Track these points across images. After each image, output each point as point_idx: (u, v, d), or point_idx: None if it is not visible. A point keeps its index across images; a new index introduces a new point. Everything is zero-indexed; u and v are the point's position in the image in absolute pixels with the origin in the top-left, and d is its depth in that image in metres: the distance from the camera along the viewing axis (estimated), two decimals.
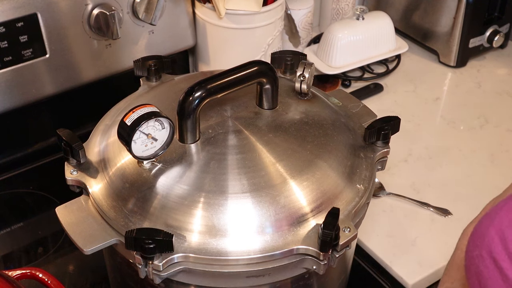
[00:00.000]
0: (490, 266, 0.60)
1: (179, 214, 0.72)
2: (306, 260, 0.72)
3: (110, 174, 0.77)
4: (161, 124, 0.73)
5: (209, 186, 0.73)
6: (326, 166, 0.77)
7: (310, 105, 0.85)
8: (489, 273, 0.60)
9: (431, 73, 1.44)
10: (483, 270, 0.60)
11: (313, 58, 1.37)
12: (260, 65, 0.78)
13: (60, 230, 0.83)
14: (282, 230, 0.71)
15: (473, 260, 0.62)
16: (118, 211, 0.74)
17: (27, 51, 1.05)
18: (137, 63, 0.90)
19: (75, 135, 0.80)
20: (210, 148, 0.76)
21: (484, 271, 0.60)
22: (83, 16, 1.08)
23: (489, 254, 0.60)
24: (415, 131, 1.26)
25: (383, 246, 1.02)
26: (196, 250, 0.70)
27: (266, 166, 0.75)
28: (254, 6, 1.17)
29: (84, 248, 0.72)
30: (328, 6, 1.48)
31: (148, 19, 1.11)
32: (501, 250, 0.59)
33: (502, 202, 0.64)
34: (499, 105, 1.35)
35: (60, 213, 0.76)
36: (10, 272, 0.82)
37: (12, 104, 1.08)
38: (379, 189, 1.11)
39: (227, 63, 0.90)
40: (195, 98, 0.73)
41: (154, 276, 0.70)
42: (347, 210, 0.75)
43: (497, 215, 0.62)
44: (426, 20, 1.46)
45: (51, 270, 0.97)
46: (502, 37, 1.43)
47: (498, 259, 0.59)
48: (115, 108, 0.88)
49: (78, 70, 1.12)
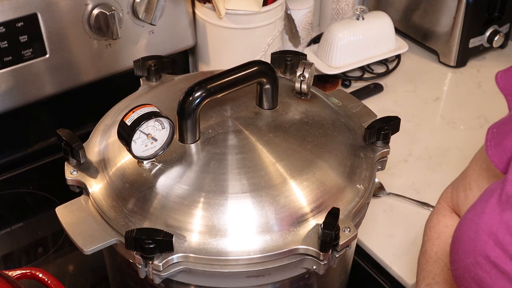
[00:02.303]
0: (491, 271, 0.59)
1: (179, 214, 0.72)
2: (306, 260, 0.72)
3: (110, 174, 0.77)
4: (161, 124, 0.73)
5: (209, 186, 0.73)
6: (326, 166, 0.77)
7: (310, 105, 0.85)
8: (492, 279, 0.59)
9: (431, 73, 1.44)
10: (484, 276, 0.60)
11: (313, 58, 1.37)
12: (260, 65, 0.78)
13: (60, 230, 0.83)
14: (282, 230, 0.71)
15: (469, 268, 0.61)
16: (118, 211, 0.74)
17: (27, 51, 1.05)
18: (137, 63, 0.90)
19: (75, 135, 0.80)
20: (210, 148, 0.76)
21: (486, 277, 0.59)
22: (83, 16, 1.08)
23: (486, 259, 0.59)
24: (415, 131, 1.26)
25: (383, 246, 1.02)
26: (196, 250, 0.70)
27: (266, 166, 0.75)
28: (254, 6, 1.17)
29: (84, 248, 0.72)
30: (328, 6, 1.48)
31: (148, 19, 1.11)
32: (500, 254, 0.58)
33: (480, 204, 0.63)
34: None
35: (60, 213, 0.76)
36: (10, 272, 0.82)
37: (12, 104, 1.08)
38: (379, 189, 1.11)
39: (227, 63, 0.90)
40: (195, 98, 0.73)
41: (154, 276, 0.70)
42: (347, 210, 0.75)
43: (482, 218, 0.61)
44: (426, 20, 1.46)
45: (51, 270, 0.97)
46: (502, 37, 1.43)
47: (499, 263, 0.58)
48: (115, 108, 0.88)
49: (78, 70, 1.12)
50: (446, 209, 0.83)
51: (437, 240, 0.80)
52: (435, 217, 0.83)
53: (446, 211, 0.82)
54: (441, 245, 0.80)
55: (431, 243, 0.81)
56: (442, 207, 0.83)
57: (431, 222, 0.83)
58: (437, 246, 0.80)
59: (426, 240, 0.83)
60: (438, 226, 0.82)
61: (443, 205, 0.83)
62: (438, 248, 0.80)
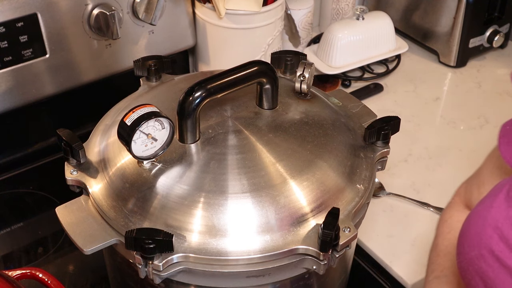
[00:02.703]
0: (494, 265, 0.60)
1: (179, 214, 0.72)
2: (306, 260, 0.72)
3: (110, 174, 0.77)
4: (161, 124, 0.73)
5: (209, 186, 0.73)
6: (326, 166, 0.77)
7: (310, 105, 0.85)
8: (494, 272, 0.60)
9: (431, 73, 1.44)
10: (487, 269, 0.60)
11: (313, 58, 1.37)
12: (260, 65, 0.78)
13: (60, 230, 0.83)
14: (282, 230, 0.71)
15: (473, 261, 0.62)
16: (118, 211, 0.74)
17: (27, 51, 1.05)
18: (137, 63, 0.90)
19: (75, 135, 0.80)
20: (210, 148, 0.76)
21: (488, 271, 0.60)
22: (83, 16, 1.08)
23: (490, 252, 0.60)
24: (415, 131, 1.26)
25: (383, 246, 1.02)
26: (196, 250, 0.70)
27: (266, 166, 0.75)
28: (254, 6, 1.17)
29: (84, 248, 0.72)
30: (328, 6, 1.48)
31: (148, 19, 1.11)
32: (503, 248, 0.59)
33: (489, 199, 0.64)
34: (499, 105, 1.35)
35: (60, 213, 0.76)
36: (10, 272, 0.82)
37: (12, 104, 1.08)
38: (379, 189, 1.11)
39: (227, 63, 0.90)
40: (195, 98, 0.73)
41: (154, 276, 0.70)
42: (347, 210, 0.75)
43: (489, 213, 0.62)
44: (426, 20, 1.46)
45: (51, 270, 0.97)
46: (502, 37, 1.43)
47: (502, 257, 0.59)
48: (115, 108, 0.88)
49: (78, 70, 1.12)
50: (459, 205, 0.83)
51: (448, 235, 0.81)
52: (448, 212, 0.83)
53: (459, 207, 0.82)
54: (451, 239, 0.80)
55: (443, 237, 0.81)
56: (456, 203, 0.83)
57: (444, 216, 0.83)
58: (448, 241, 0.80)
59: (438, 234, 0.83)
60: (450, 221, 0.82)
61: (457, 201, 0.84)
62: (449, 242, 0.80)
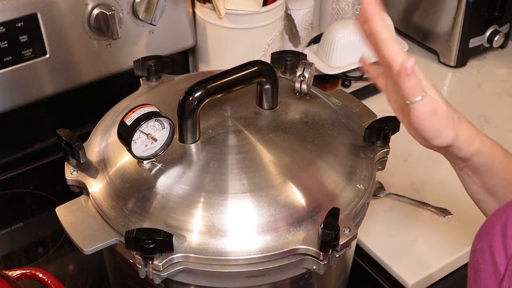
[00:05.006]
0: (488, 259, 0.60)
1: (179, 214, 0.72)
2: (306, 260, 0.72)
3: (110, 174, 0.77)
4: (161, 124, 0.73)
5: (209, 186, 0.73)
6: (326, 166, 0.77)
7: (310, 105, 0.85)
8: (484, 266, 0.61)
9: (431, 73, 1.44)
10: (480, 263, 0.61)
11: (313, 58, 1.37)
12: (260, 65, 0.78)
13: (60, 230, 0.83)
14: (282, 230, 0.71)
15: (474, 254, 0.63)
16: (118, 211, 0.74)
17: (27, 51, 1.05)
18: (137, 63, 0.90)
19: (75, 135, 0.80)
20: (210, 148, 0.76)
21: (481, 264, 0.61)
22: (83, 16, 1.08)
23: (489, 248, 0.61)
24: None
25: (383, 246, 1.02)
26: (196, 250, 0.70)
27: (266, 166, 0.75)
28: (254, 6, 1.17)
29: (84, 248, 0.72)
30: (328, 6, 1.48)
31: (148, 19, 1.11)
32: (500, 245, 0.60)
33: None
34: (499, 105, 1.35)
35: (60, 213, 0.76)
36: (10, 272, 0.82)
37: (12, 104, 1.08)
38: (379, 189, 1.11)
39: (227, 63, 0.90)
40: (195, 98, 0.73)
41: (154, 276, 0.70)
42: (347, 210, 0.75)
43: (506, 211, 0.62)
44: (426, 20, 1.45)
45: (51, 270, 0.97)
46: (502, 37, 1.43)
47: (495, 253, 0.60)
48: (115, 108, 0.88)
49: (78, 70, 1.12)
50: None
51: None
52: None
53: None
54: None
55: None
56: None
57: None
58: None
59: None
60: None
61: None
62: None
